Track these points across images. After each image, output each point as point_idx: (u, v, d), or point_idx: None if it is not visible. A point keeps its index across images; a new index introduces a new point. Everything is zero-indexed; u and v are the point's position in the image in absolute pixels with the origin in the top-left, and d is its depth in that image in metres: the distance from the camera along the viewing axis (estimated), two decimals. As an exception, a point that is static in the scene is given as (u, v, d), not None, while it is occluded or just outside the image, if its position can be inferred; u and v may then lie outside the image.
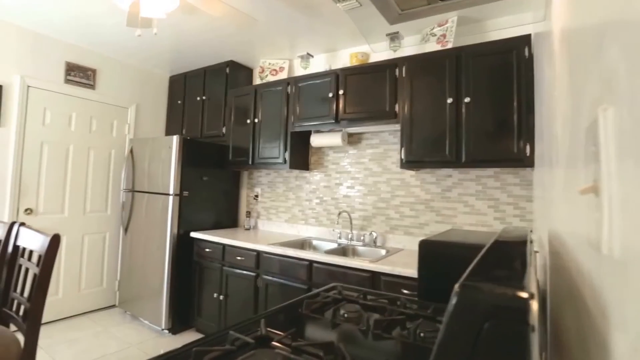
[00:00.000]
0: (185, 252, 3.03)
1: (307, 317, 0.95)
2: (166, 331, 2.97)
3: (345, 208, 2.92)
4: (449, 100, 2.10)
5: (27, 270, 1.64)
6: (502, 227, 2.17)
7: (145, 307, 3.09)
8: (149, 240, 3.11)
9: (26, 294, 1.57)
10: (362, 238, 2.77)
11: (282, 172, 3.36)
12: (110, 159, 3.54)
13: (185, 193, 3.03)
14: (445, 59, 2.15)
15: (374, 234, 2.66)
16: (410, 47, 2.65)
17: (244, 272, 2.64)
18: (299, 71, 3.34)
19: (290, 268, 2.37)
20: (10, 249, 1.68)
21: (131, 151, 3.40)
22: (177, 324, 2.97)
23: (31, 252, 1.62)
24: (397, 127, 2.48)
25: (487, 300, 0.38)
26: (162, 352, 0.69)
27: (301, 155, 3.06)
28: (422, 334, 0.80)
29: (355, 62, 2.83)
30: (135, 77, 3.74)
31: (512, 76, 1.93)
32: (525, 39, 1.94)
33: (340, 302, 1.00)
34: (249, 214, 3.41)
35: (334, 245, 2.73)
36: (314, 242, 2.89)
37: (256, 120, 3.12)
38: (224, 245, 2.79)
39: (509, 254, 0.62)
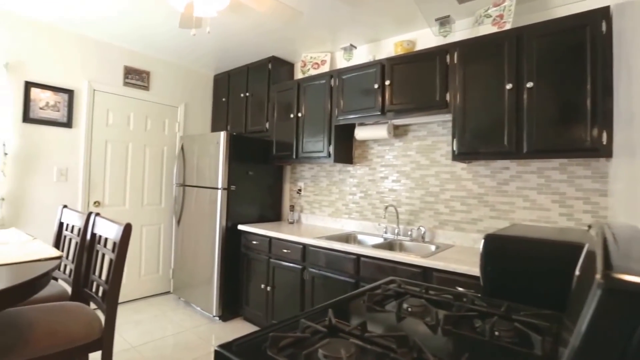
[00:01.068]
0: (233, 243, 3.14)
1: (371, 309, 0.94)
2: (217, 318, 3.10)
3: (391, 202, 2.87)
4: (508, 86, 1.97)
5: (103, 255, 1.78)
6: (569, 224, 2.03)
7: (197, 294, 3.25)
8: (199, 231, 3.26)
9: (103, 276, 1.71)
10: (409, 233, 2.71)
11: (326, 166, 3.37)
12: (163, 155, 3.73)
13: (233, 187, 3.14)
14: (504, 42, 2.02)
15: (422, 229, 2.59)
16: (461, 31, 2.53)
17: (291, 264, 2.68)
18: (341, 63, 3.32)
19: (337, 261, 2.37)
20: (88, 236, 1.84)
21: (182, 148, 3.56)
22: (226, 312, 3.10)
23: (106, 239, 1.75)
24: (448, 117, 2.39)
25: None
26: (229, 338, 0.71)
27: (345, 149, 3.05)
28: (496, 333, 0.76)
29: (400, 51, 2.76)
30: (183, 77, 3.91)
31: (585, 56, 1.75)
32: (602, 12, 1.73)
33: (404, 296, 0.98)
34: (292, 207, 3.45)
35: (379, 240, 2.70)
36: (359, 237, 2.87)
37: (299, 115, 3.14)
38: (270, 238, 2.85)
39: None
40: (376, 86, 2.59)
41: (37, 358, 1.42)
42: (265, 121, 3.46)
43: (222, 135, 3.09)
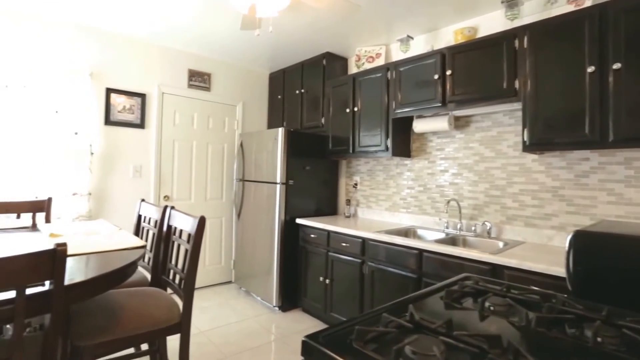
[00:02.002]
0: (291, 237, 3.23)
1: (449, 306, 0.92)
2: (276, 308, 3.22)
3: (452, 196, 2.76)
4: (590, 69, 1.80)
5: (178, 245, 1.93)
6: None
7: (257, 284, 3.39)
8: (258, 224, 3.39)
9: (179, 265, 1.86)
10: (472, 228, 2.60)
11: (382, 160, 3.32)
12: (224, 152, 3.93)
13: (291, 182, 3.22)
14: (584, 20, 1.84)
15: (488, 224, 2.47)
16: (529, 16, 2.35)
17: (349, 258, 2.70)
18: (397, 56, 3.24)
19: (398, 256, 2.34)
20: (165, 228, 2.00)
21: (241, 145, 3.72)
22: (286, 303, 3.20)
23: (181, 230, 1.90)
24: (515, 106, 2.24)
25: None
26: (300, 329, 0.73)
27: (402, 142, 2.98)
28: (599, 339, 0.70)
29: (460, 39, 2.63)
30: (241, 77, 4.07)
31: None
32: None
33: (485, 294, 0.94)
34: (348, 202, 3.46)
35: (441, 235, 2.62)
36: (419, 231, 2.80)
37: (355, 109, 3.13)
38: (328, 232, 2.89)
39: None
40: (436, 77, 2.50)
41: (126, 337, 1.57)
42: (321, 117, 3.49)
43: (280, 131, 3.17)
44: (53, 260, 1.14)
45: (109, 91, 3.16)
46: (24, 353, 1.25)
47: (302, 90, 3.73)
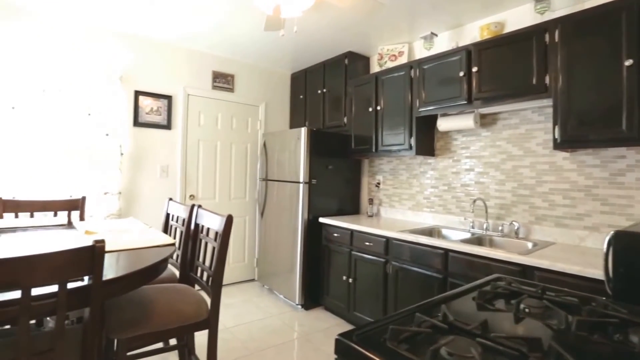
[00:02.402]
0: (314, 235, 3.24)
1: (481, 307, 0.90)
2: (299, 306, 3.24)
3: (478, 195, 2.71)
4: (627, 63, 1.72)
5: (206, 244, 1.98)
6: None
7: (280, 283, 3.43)
8: (281, 223, 3.43)
9: (207, 262, 1.90)
10: (499, 228, 2.54)
11: (405, 159, 3.29)
12: (247, 152, 3.99)
13: (314, 181, 3.23)
14: (621, 12, 1.76)
15: (516, 224, 2.40)
16: (560, 10, 2.26)
17: (373, 257, 2.69)
18: (420, 53, 3.20)
19: (423, 256, 2.31)
20: (192, 226, 2.05)
21: (264, 144, 3.77)
22: (308, 301, 3.22)
23: (208, 229, 1.94)
24: (546, 102, 2.17)
25: None
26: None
27: (426, 141, 2.95)
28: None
29: (486, 35, 2.56)
30: (263, 78, 4.12)
31: None
32: None
33: (520, 296, 0.92)
34: (371, 201, 3.45)
35: (466, 235, 2.57)
36: (444, 231, 2.76)
37: (378, 108, 3.11)
38: (352, 231, 2.89)
39: None
40: (462, 74, 2.45)
41: (158, 332, 1.62)
42: (343, 116, 3.49)
43: (303, 131, 3.19)
44: (92, 256, 1.19)
45: (137, 94, 3.26)
46: (65, 344, 1.32)
47: (324, 90, 3.74)
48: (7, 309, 1.06)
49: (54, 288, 1.13)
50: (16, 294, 1.07)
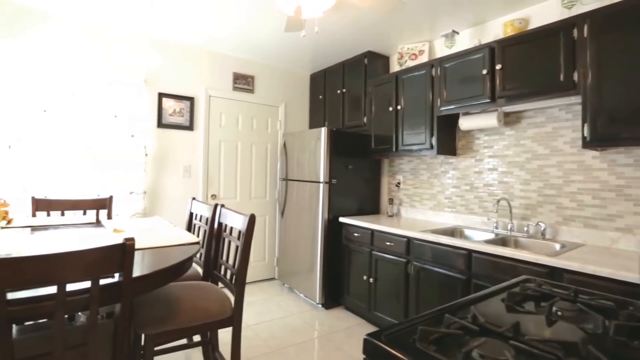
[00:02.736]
0: (334, 235, 3.25)
1: (511, 309, 0.89)
2: (320, 305, 3.25)
3: (502, 195, 2.65)
4: (663, 59, 1.65)
5: (229, 242, 2.01)
6: None
7: (300, 282, 3.45)
8: (301, 223, 3.45)
9: (229, 261, 1.94)
10: (525, 229, 2.48)
11: (426, 159, 3.25)
12: (267, 152, 4.03)
13: (334, 181, 3.24)
14: (655, 6, 1.69)
15: (542, 225, 2.34)
16: (589, 4, 2.19)
17: (394, 257, 2.67)
18: (441, 52, 3.15)
19: (445, 256, 2.28)
20: (215, 225, 2.09)
21: (284, 144, 3.80)
22: (329, 300, 3.23)
23: (231, 228, 1.97)
24: (573, 100, 2.10)
25: None
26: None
27: (448, 140, 2.90)
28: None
29: (510, 32, 2.51)
30: (283, 78, 4.15)
31: None
32: None
33: (552, 298, 0.90)
34: (391, 201, 3.42)
35: (490, 236, 2.52)
36: (466, 232, 2.72)
37: (398, 107, 3.08)
38: (372, 231, 2.88)
39: None
40: (485, 71, 2.40)
41: (184, 328, 1.66)
42: (363, 116, 3.48)
43: (323, 131, 3.20)
44: (123, 253, 1.23)
45: (160, 96, 3.35)
46: (97, 338, 1.36)
47: (344, 90, 3.73)
48: (44, 303, 1.11)
49: (85, 284, 1.18)
50: (48, 290, 1.11)
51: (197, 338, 2.48)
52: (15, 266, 1.01)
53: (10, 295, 1.04)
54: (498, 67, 2.33)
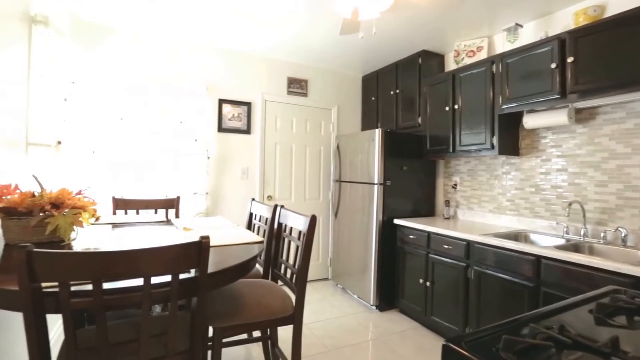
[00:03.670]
0: (388, 237, 3.22)
1: (600, 321, 0.83)
2: (374, 307, 3.25)
3: (573, 198, 2.46)
4: None
5: (289, 242, 2.08)
6: None
7: (354, 283, 3.46)
8: (355, 224, 3.46)
9: (290, 260, 2.00)
10: (601, 235, 2.28)
11: (485, 159, 3.11)
12: (320, 154, 4.10)
13: (388, 182, 3.21)
14: None
15: (622, 231, 2.14)
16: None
17: (452, 261, 2.59)
18: (502, 47, 3.00)
19: (510, 262, 2.17)
20: (275, 225, 2.18)
21: (337, 147, 3.84)
22: (383, 303, 3.21)
23: (291, 228, 2.04)
24: (662, 93, 1.90)
25: None
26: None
27: (510, 140, 2.76)
28: None
29: (582, 22, 2.32)
30: (335, 81, 4.20)
31: None
32: None
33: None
34: (447, 202, 3.32)
35: (560, 241, 2.35)
36: (532, 236, 2.56)
37: (455, 107, 2.98)
38: (429, 233, 2.81)
39: None
40: (553, 65, 2.25)
41: (248, 324, 1.75)
42: (417, 116, 3.41)
43: (377, 132, 3.19)
44: (199, 250, 1.32)
45: (221, 102, 3.55)
46: (176, 328, 1.48)
47: (397, 91, 3.69)
48: (133, 294, 1.23)
49: (165, 278, 1.28)
50: (130, 283, 1.22)
51: (256, 334, 2.59)
52: (110, 259, 1.12)
53: (105, 286, 1.16)
54: (570, 60, 2.17)
